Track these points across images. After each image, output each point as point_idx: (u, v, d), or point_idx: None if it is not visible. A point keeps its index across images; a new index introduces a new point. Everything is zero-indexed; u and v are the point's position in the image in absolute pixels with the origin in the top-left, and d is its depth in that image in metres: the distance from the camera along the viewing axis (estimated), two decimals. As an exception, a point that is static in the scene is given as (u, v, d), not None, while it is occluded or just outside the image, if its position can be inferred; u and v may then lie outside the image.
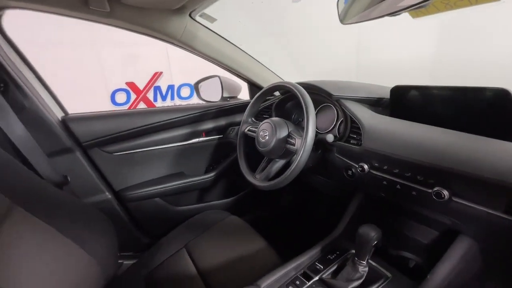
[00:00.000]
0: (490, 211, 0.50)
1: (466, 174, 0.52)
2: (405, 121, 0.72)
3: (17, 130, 0.77)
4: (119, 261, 1.03)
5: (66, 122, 0.90)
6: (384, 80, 0.97)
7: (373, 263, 0.68)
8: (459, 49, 1.31)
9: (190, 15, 0.87)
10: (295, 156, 0.76)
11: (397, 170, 0.65)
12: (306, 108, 0.75)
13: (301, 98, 0.77)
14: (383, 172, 0.68)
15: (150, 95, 3.27)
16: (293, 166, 0.74)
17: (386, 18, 0.48)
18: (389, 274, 0.65)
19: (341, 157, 0.81)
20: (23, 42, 0.82)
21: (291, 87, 0.81)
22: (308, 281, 0.64)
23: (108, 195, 0.99)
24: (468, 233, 0.59)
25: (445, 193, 0.55)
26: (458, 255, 0.59)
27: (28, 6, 0.68)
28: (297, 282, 0.64)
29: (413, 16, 0.76)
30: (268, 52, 1.22)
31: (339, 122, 0.87)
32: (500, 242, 0.55)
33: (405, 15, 0.61)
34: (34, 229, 0.64)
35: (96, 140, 0.95)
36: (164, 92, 3.35)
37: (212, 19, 0.89)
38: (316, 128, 0.95)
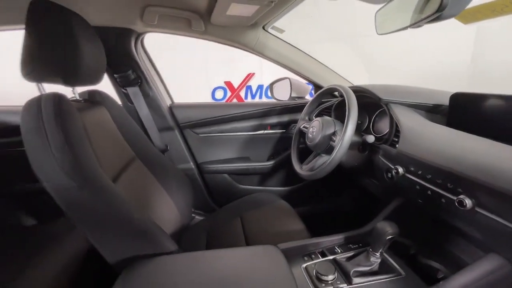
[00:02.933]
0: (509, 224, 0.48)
1: (491, 185, 0.51)
2: (449, 128, 0.70)
3: (143, 111, 1.17)
4: (192, 215, 1.36)
5: (172, 108, 1.26)
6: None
7: (389, 259, 0.70)
8: None
9: (263, 28, 1.07)
10: (333, 151, 0.85)
11: (429, 176, 0.66)
12: (349, 108, 0.82)
13: (346, 99, 0.84)
14: (417, 176, 0.69)
15: (243, 93, 3.72)
16: (328, 161, 0.83)
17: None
18: (402, 272, 0.66)
19: (383, 159, 0.84)
20: (149, 48, 1.21)
21: (340, 89, 0.89)
22: (322, 258, 0.73)
23: (192, 165, 1.32)
24: (500, 252, 0.55)
25: (468, 201, 0.54)
26: (481, 272, 0.55)
27: (159, 30, 1.04)
28: (312, 256, 0.74)
29: (464, 22, 0.68)
30: (338, 55, 1.28)
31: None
32: None
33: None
34: (144, 176, 0.98)
35: (189, 123, 1.28)
36: (254, 91, 3.74)
37: (281, 30, 1.06)
38: (373, 131, 0.99)
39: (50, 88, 0.71)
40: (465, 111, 0.75)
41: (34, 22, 0.66)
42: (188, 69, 3.14)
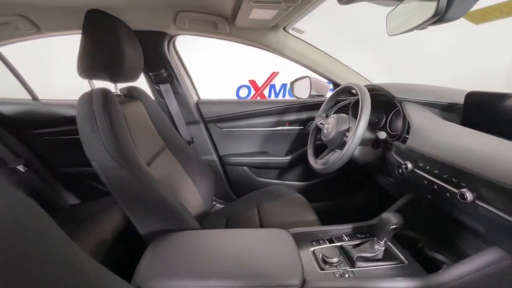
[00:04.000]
0: (506, 216, 0.50)
1: (490, 179, 0.53)
2: (459, 126, 0.72)
3: (173, 106, 1.29)
4: (213, 203, 1.46)
5: (198, 104, 1.38)
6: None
7: (394, 248, 0.74)
8: None
9: (284, 29, 1.13)
10: (344, 146, 0.90)
11: (436, 171, 0.68)
12: (361, 105, 0.86)
13: (359, 96, 0.88)
14: (425, 171, 0.72)
15: (266, 92, 3.79)
16: (340, 155, 0.88)
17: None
18: (405, 260, 0.70)
19: (395, 156, 0.87)
20: (180, 48, 1.32)
21: (355, 87, 0.93)
22: (330, 244, 0.79)
23: (214, 156, 1.43)
24: (502, 245, 0.57)
25: (469, 195, 0.57)
26: (480, 263, 0.58)
27: (189, 33, 1.15)
28: (320, 241, 0.80)
29: (475, 23, 0.67)
30: (359, 55, 1.30)
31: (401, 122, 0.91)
32: None
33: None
34: (172, 164, 1.09)
35: (213, 118, 1.39)
36: (277, 90, 3.79)
37: (300, 31, 1.12)
38: (389, 129, 1.01)
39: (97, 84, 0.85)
40: (480, 110, 0.76)
41: (89, 28, 0.79)
42: (214, 67, 3.25)
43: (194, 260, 0.66)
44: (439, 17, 0.49)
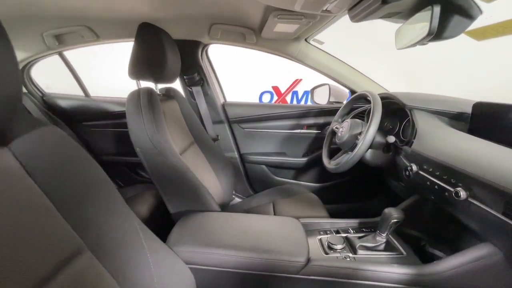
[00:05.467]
0: (494, 212, 0.56)
1: (481, 179, 0.60)
2: (463, 133, 0.77)
3: (203, 106, 1.44)
4: (233, 196, 1.58)
5: (224, 105, 1.52)
6: None
7: (394, 241, 0.80)
8: None
9: (306, 40, 1.24)
10: (355, 148, 0.98)
11: (438, 173, 0.75)
12: (373, 110, 0.94)
13: (372, 102, 0.96)
14: (428, 173, 0.78)
15: (288, 98, 3.88)
16: (350, 156, 0.96)
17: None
18: (404, 252, 0.76)
19: (403, 159, 0.93)
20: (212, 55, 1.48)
21: (368, 94, 1.02)
22: (335, 234, 0.87)
23: (236, 154, 1.55)
24: (494, 242, 0.62)
25: (462, 193, 0.63)
26: (471, 256, 0.63)
27: (220, 42, 1.30)
28: (328, 232, 0.88)
29: (477, 39, 0.72)
30: (377, 64, 1.36)
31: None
32: None
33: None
34: (199, 157, 1.22)
35: (237, 118, 1.52)
36: (300, 96, 3.87)
37: (320, 42, 1.22)
38: (402, 135, 1.07)
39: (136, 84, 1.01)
40: (486, 119, 0.81)
41: (140, 39, 0.96)
42: (241, 73, 3.40)
43: (215, 233, 0.78)
44: (434, 36, 0.58)
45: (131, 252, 0.53)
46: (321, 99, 1.50)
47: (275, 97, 3.84)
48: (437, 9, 0.52)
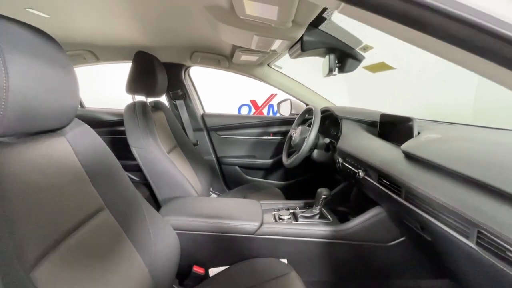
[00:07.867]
0: (375, 183, 0.89)
1: (369, 163, 0.92)
2: (370, 135, 1.11)
3: (185, 116, 1.72)
4: (210, 192, 1.84)
5: (203, 116, 1.81)
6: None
7: (326, 213, 1.11)
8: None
9: (268, 65, 1.58)
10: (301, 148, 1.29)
11: (352, 162, 1.08)
12: (314, 119, 1.26)
13: (314, 114, 1.29)
14: (348, 163, 1.11)
15: (265, 111, 4.22)
16: (296, 155, 1.27)
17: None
18: (330, 219, 1.07)
19: (336, 155, 1.26)
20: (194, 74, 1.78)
21: (312, 108, 1.35)
22: (284, 210, 1.16)
23: (213, 157, 1.83)
24: (381, 204, 0.94)
25: (361, 173, 0.96)
26: (368, 215, 0.95)
27: (200, 65, 1.61)
28: (280, 211, 1.17)
29: (373, 72, 1.08)
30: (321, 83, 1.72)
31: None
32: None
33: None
34: (181, 158, 1.49)
35: (214, 127, 1.81)
36: (275, 109, 4.22)
37: (279, 67, 1.56)
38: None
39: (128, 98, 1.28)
40: (388, 126, 1.16)
41: (136, 63, 1.24)
42: (220, 88, 3.69)
43: (193, 208, 1.05)
44: (338, 70, 0.91)
45: (136, 213, 0.79)
46: (285, 111, 1.83)
47: (253, 110, 4.18)
48: (332, 56, 0.86)
